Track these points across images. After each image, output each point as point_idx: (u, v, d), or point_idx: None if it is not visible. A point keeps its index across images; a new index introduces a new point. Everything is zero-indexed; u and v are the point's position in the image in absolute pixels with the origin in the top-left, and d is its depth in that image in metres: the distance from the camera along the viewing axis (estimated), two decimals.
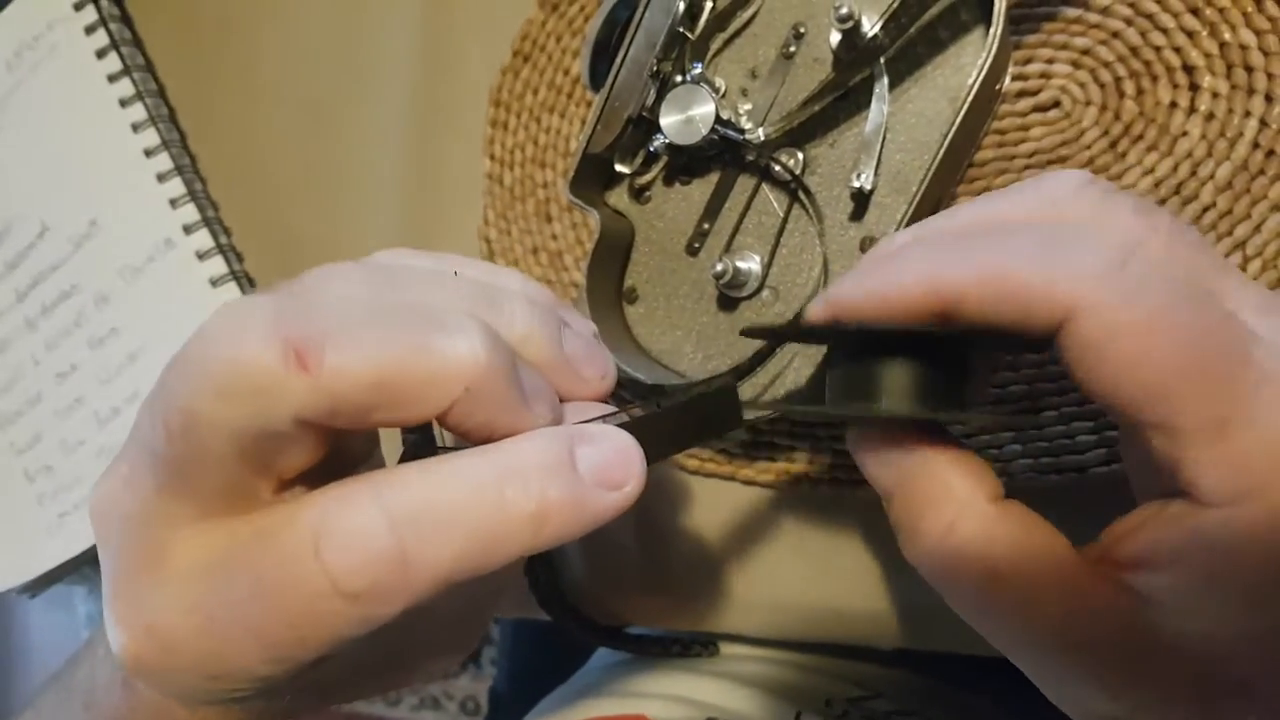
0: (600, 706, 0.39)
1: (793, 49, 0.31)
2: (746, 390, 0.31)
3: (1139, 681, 0.20)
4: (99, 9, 0.46)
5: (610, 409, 0.23)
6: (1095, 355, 0.19)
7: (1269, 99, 0.29)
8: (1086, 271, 0.19)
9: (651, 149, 0.33)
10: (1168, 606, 0.19)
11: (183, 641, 0.19)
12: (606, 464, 0.20)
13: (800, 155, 0.31)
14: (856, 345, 0.22)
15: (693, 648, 0.41)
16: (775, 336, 0.28)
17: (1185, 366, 0.18)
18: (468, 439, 0.20)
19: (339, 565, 0.17)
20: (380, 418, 0.18)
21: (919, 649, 0.35)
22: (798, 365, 0.31)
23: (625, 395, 0.35)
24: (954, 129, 0.28)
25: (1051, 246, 0.20)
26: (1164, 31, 0.30)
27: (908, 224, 0.29)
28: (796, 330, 0.21)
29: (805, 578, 0.36)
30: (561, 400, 0.23)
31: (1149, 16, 0.30)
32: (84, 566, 0.48)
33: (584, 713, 0.39)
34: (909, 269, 0.21)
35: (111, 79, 0.45)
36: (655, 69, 0.31)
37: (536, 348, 0.23)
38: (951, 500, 0.21)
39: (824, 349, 0.28)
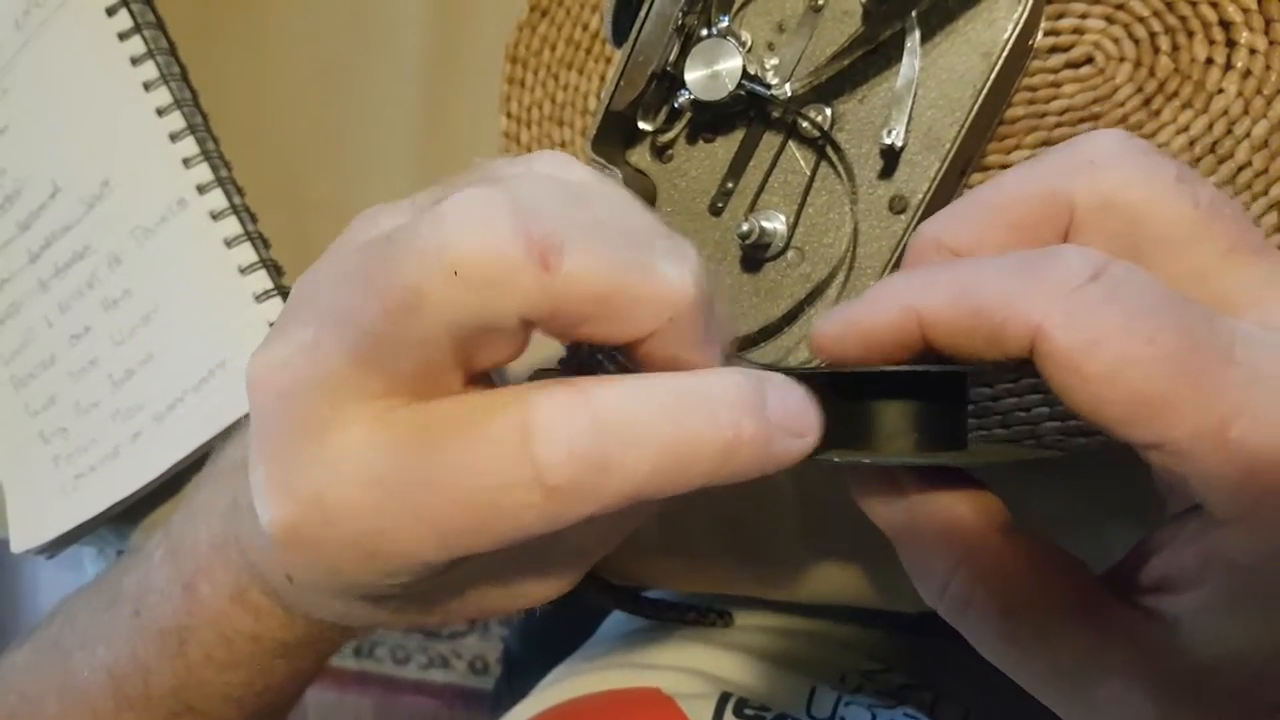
0: (613, 678, 0.39)
1: (821, 1, 0.30)
2: None
3: (1176, 708, 0.19)
4: None
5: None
6: (1071, 376, 0.18)
7: None
8: (1052, 286, 0.18)
9: (675, 105, 0.32)
10: (1196, 630, 0.19)
11: (352, 515, 0.19)
12: (793, 411, 0.20)
13: (828, 111, 0.30)
14: (848, 391, 0.21)
15: (708, 615, 0.41)
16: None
17: (1166, 377, 0.17)
18: (650, 369, 0.20)
19: (546, 457, 0.18)
20: (587, 330, 0.19)
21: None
22: None
23: None
24: (988, 85, 0.27)
25: (1025, 264, 0.19)
26: None
27: (939, 182, 0.28)
28: (787, 373, 0.20)
29: (828, 542, 0.35)
30: None
31: None
32: (100, 527, 0.48)
33: (598, 684, 0.39)
34: (884, 298, 0.20)
35: (123, 37, 0.45)
36: (680, 23, 0.31)
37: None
38: (959, 538, 0.21)
39: None
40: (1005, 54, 0.28)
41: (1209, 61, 0.29)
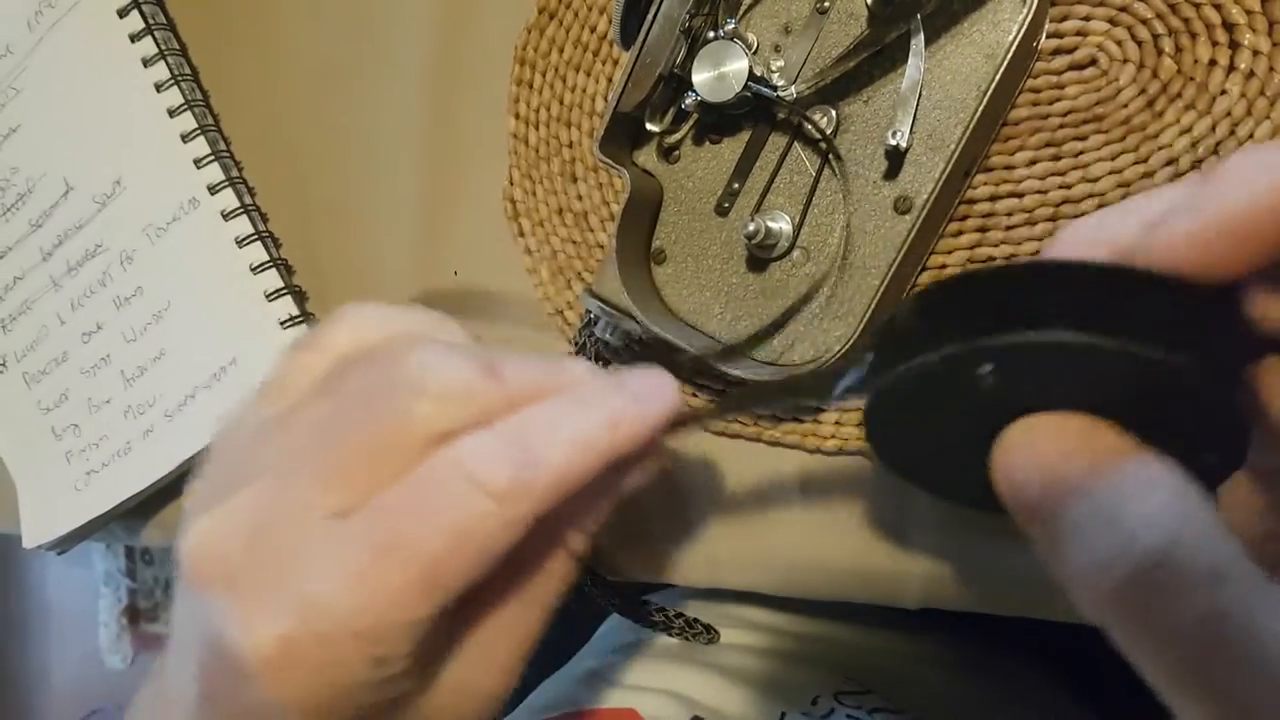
0: (596, 698, 0.40)
1: (827, 4, 0.31)
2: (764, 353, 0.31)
3: None
4: None
5: None
6: None
7: None
8: None
9: (682, 107, 0.32)
10: None
11: (340, 598, 0.21)
12: (649, 382, 0.24)
13: (834, 112, 0.31)
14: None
15: (695, 626, 0.42)
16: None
17: None
18: None
19: (483, 472, 0.22)
20: None
21: (940, 608, 0.35)
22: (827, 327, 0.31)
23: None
24: (992, 87, 0.28)
25: None
26: None
27: (943, 183, 0.29)
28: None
29: (827, 536, 0.36)
30: None
31: None
32: (111, 523, 0.48)
33: (579, 703, 0.40)
34: (1251, 179, 0.17)
35: (134, 38, 0.45)
36: (687, 25, 0.31)
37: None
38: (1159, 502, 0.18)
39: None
40: (1009, 56, 0.28)
41: (1212, 63, 0.30)
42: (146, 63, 0.45)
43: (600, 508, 0.27)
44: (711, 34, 0.31)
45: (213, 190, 0.44)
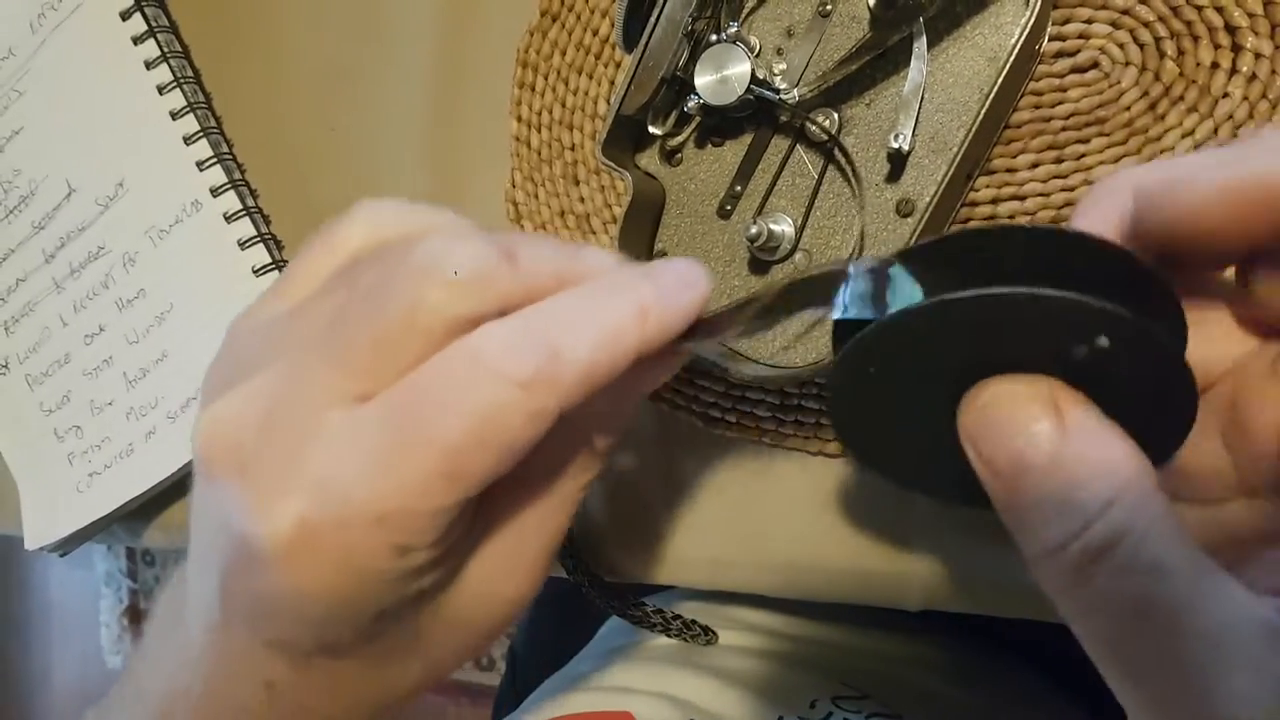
0: (592, 700, 0.40)
1: (829, 7, 0.31)
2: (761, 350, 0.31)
3: None
4: None
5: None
6: None
7: None
8: None
9: (684, 110, 0.32)
10: None
11: (357, 482, 0.20)
12: (679, 270, 0.23)
13: (836, 115, 0.31)
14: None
15: (693, 628, 0.42)
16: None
17: None
18: None
19: (505, 362, 0.20)
20: None
21: (941, 610, 0.35)
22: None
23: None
24: (994, 90, 0.28)
25: None
26: None
27: (946, 185, 0.29)
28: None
29: (828, 539, 0.36)
30: None
31: None
32: (113, 525, 0.48)
33: (575, 706, 0.40)
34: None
35: (137, 40, 0.45)
36: (690, 28, 0.31)
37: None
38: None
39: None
40: (1012, 59, 0.28)
41: (1214, 66, 0.30)
42: (149, 65, 0.45)
43: (623, 406, 0.25)
44: (714, 37, 0.31)
45: (215, 192, 0.44)
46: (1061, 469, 0.18)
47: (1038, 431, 0.18)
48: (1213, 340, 0.21)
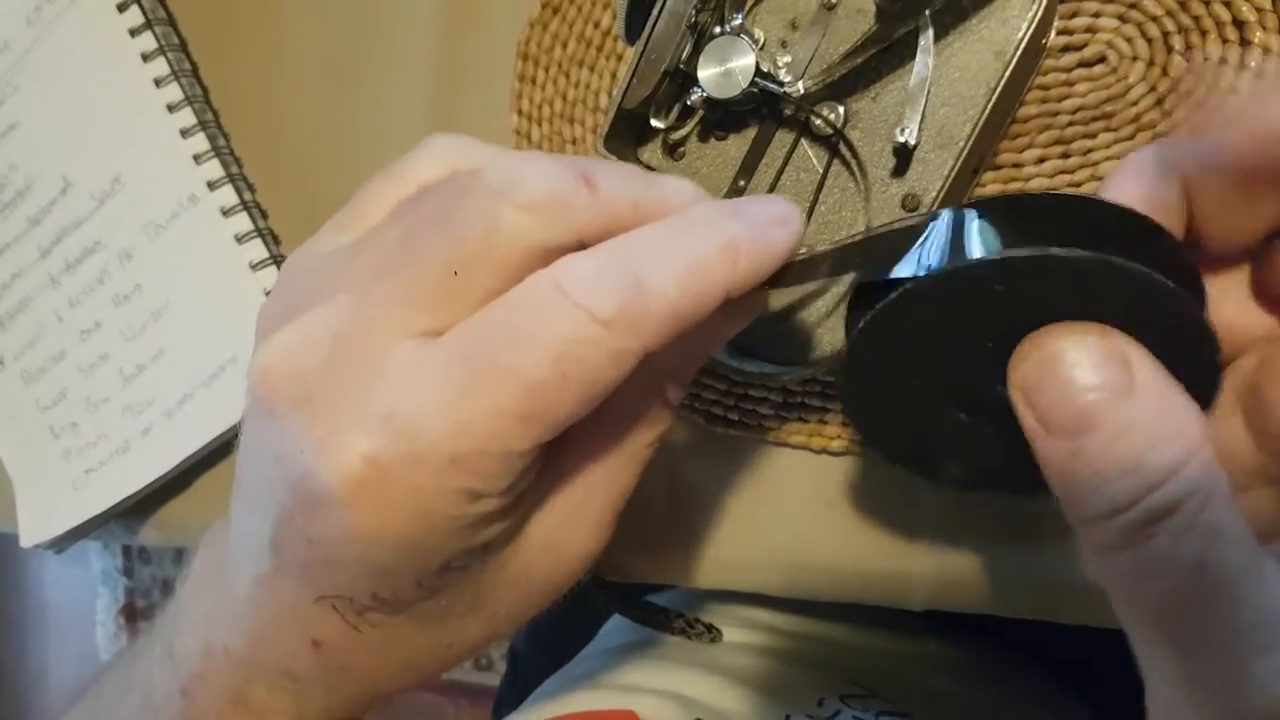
0: (594, 699, 0.40)
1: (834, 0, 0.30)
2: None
3: None
4: None
5: None
6: None
7: None
8: None
9: (688, 103, 0.32)
10: None
11: (429, 418, 0.19)
12: (769, 208, 0.22)
13: (841, 109, 0.30)
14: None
15: (696, 625, 0.42)
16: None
17: None
18: None
19: (588, 296, 0.19)
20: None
21: (947, 609, 0.35)
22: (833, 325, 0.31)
23: None
24: (1001, 84, 0.27)
25: None
26: None
27: (952, 180, 0.28)
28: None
29: (832, 537, 0.36)
30: None
31: None
32: (109, 522, 0.48)
33: (578, 705, 0.39)
34: None
35: (134, 33, 0.45)
36: (693, 20, 0.31)
37: None
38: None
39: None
40: (1019, 53, 0.28)
41: (1223, 61, 0.29)
42: (146, 58, 0.45)
43: (699, 354, 0.24)
44: (718, 29, 0.31)
45: (212, 187, 0.44)
46: (1133, 428, 0.17)
47: (1110, 387, 0.17)
48: (1230, 316, 0.21)
